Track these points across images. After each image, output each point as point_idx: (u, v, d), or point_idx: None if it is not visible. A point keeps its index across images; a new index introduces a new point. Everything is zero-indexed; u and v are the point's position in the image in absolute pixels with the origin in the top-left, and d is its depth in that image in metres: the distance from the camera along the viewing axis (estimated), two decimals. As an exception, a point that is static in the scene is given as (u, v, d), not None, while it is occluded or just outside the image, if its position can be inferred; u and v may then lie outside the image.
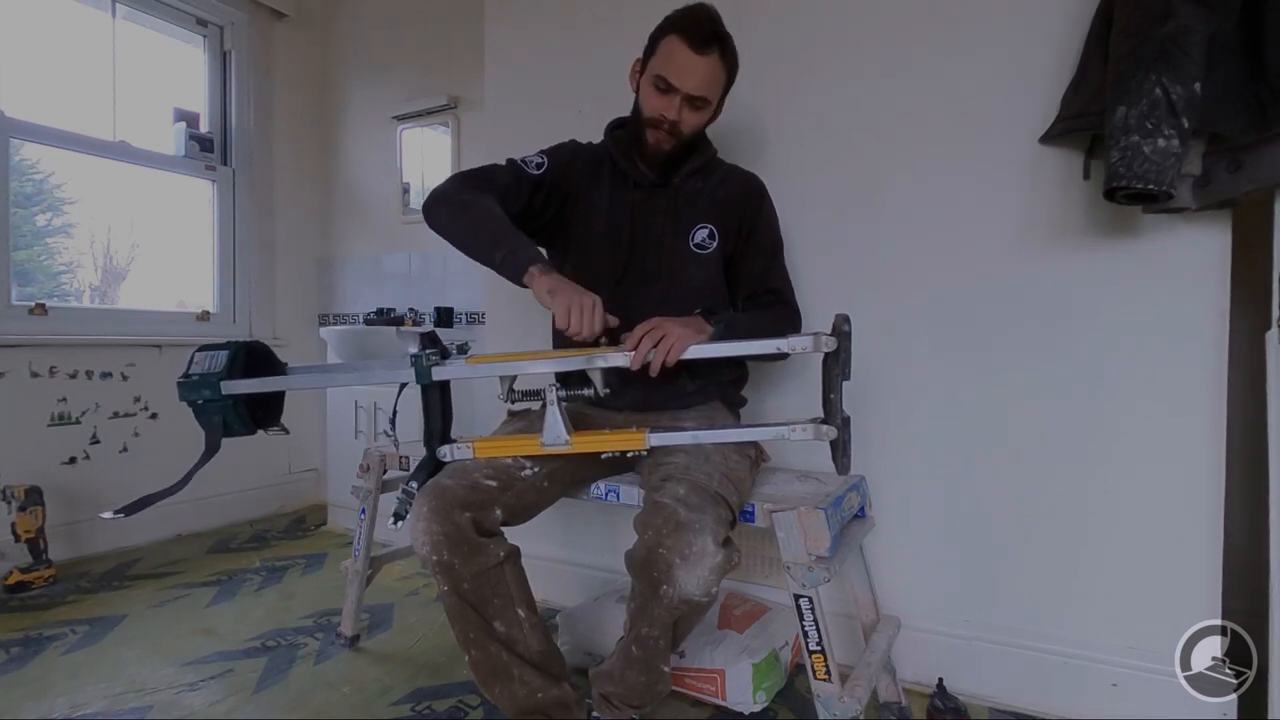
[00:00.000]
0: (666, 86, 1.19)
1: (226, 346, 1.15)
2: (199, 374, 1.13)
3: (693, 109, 1.21)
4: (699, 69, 1.17)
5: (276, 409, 1.23)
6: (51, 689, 1.41)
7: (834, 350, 0.99)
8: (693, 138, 1.26)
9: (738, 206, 1.31)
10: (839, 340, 0.98)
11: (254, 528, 2.61)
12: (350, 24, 2.96)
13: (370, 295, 2.90)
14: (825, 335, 0.99)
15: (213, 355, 1.14)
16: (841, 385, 1.01)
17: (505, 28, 1.94)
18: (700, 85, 1.19)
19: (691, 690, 1.34)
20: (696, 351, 1.04)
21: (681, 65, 1.17)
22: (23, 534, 1.95)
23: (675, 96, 1.19)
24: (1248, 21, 1.07)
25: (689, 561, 0.94)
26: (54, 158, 2.38)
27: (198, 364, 1.14)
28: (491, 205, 1.17)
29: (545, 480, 1.17)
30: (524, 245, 1.12)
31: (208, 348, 1.16)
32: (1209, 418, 1.22)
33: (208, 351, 1.15)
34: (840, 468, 1.03)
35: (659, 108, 1.20)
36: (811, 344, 0.99)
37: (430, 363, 1.10)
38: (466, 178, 1.24)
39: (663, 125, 1.21)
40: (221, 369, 1.12)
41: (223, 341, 1.17)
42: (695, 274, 1.28)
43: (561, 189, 1.30)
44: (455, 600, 1.07)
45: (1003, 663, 1.37)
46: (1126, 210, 1.22)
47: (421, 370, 1.10)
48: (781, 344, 1.01)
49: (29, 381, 2.13)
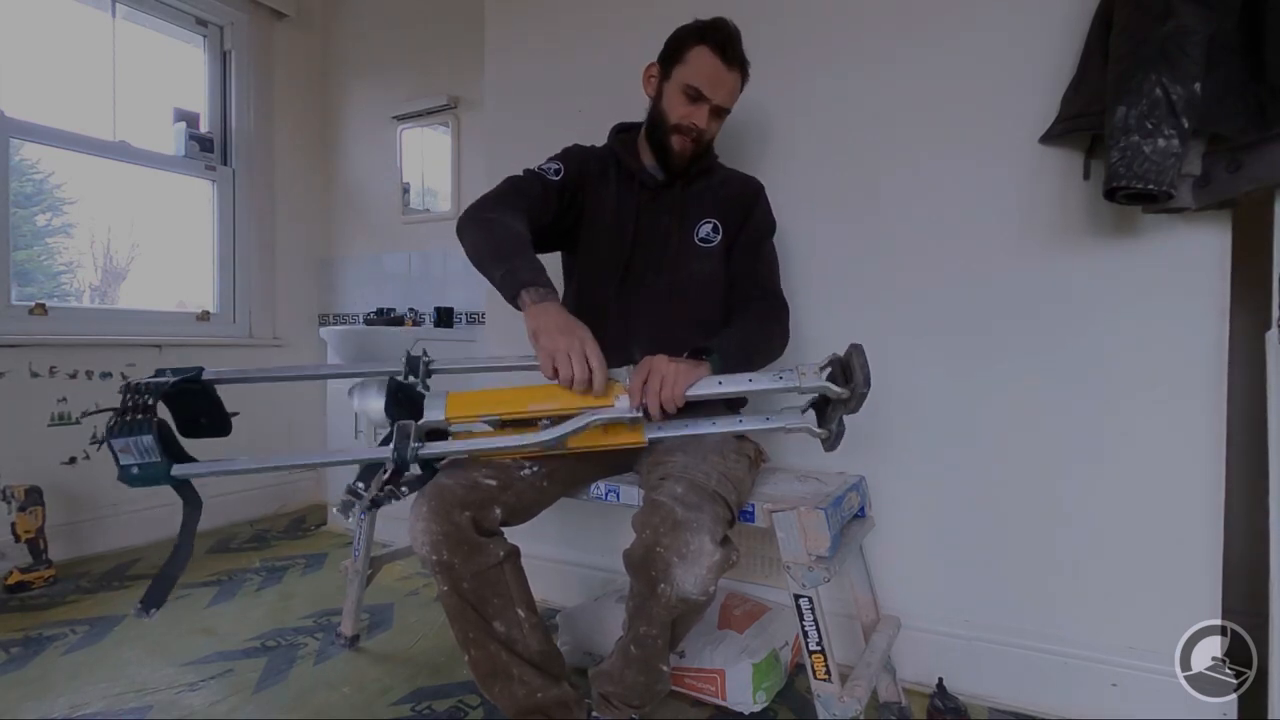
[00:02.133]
0: (697, 95, 1.22)
1: (141, 426, 0.96)
2: (138, 465, 0.98)
3: (716, 118, 1.27)
4: (729, 82, 1.24)
5: (222, 418, 1.12)
6: (51, 689, 1.42)
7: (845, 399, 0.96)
8: (710, 143, 1.31)
9: (737, 203, 1.33)
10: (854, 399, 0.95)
11: (254, 528, 2.61)
12: (350, 24, 2.96)
13: (370, 295, 2.90)
14: (837, 388, 0.96)
15: (135, 441, 0.97)
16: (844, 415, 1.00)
17: (505, 28, 1.94)
18: (729, 97, 1.25)
19: (691, 690, 1.34)
20: (696, 392, 1.01)
21: (714, 77, 1.22)
22: (23, 534, 1.95)
23: (704, 106, 1.23)
24: (1248, 21, 1.07)
25: (687, 560, 0.94)
26: (54, 158, 2.38)
27: (125, 451, 0.97)
28: (510, 222, 1.14)
29: (545, 480, 1.17)
30: (525, 266, 1.07)
31: (113, 432, 0.96)
32: (1209, 418, 1.22)
33: (122, 438, 0.96)
34: (828, 448, 1.05)
35: (688, 115, 1.23)
36: (824, 390, 0.98)
37: (415, 453, 0.99)
38: (495, 196, 1.22)
39: (691, 132, 1.24)
40: (159, 457, 0.97)
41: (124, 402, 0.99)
42: (699, 268, 1.30)
43: (578, 192, 1.32)
44: (455, 600, 1.07)
45: (1003, 663, 1.37)
46: (1126, 210, 1.22)
47: (404, 461, 0.99)
48: (793, 380, 0.98)
49: (29, 381, 2.13)
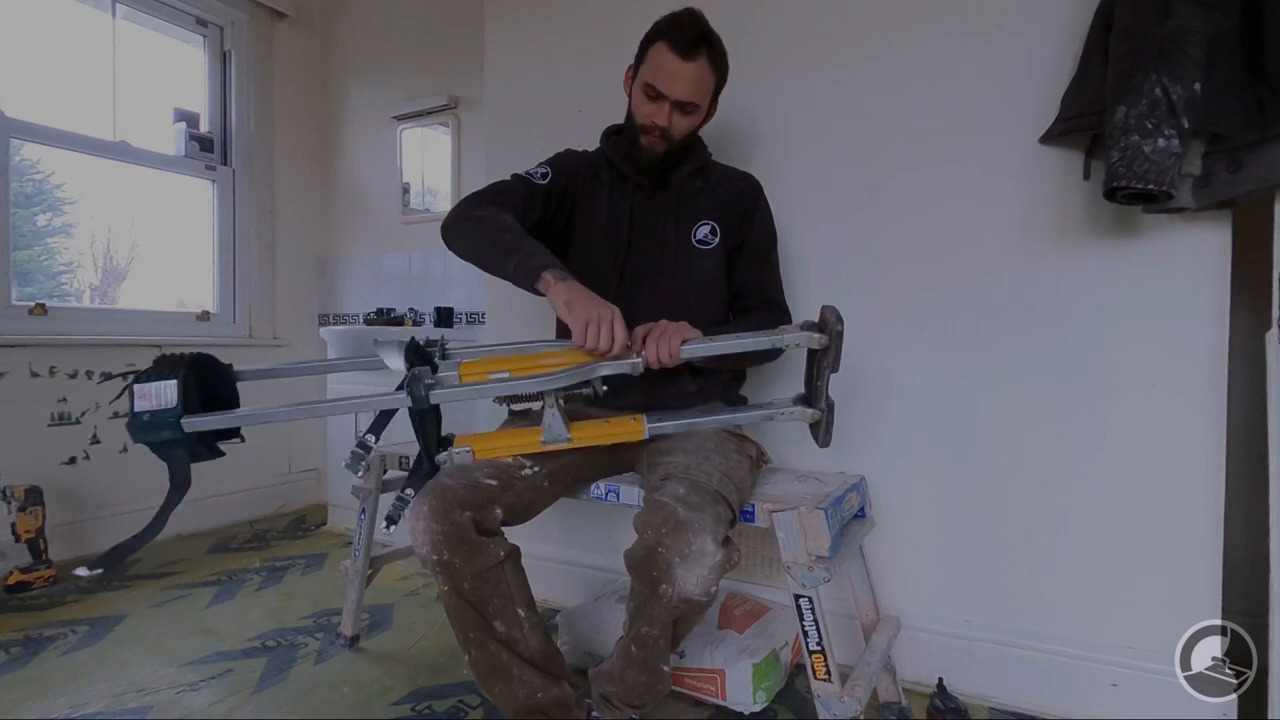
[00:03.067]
0: (655, 94, 1.20)
1: (169, 372, 1.00)
2: (150, 412, 0.99)
3: (682, 114, 1.22)
4: (686, 75, 1.19)
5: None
6: (51, 689, 1.41)
7: (825, 347, 1.01)
8: (685, 141, 1.28)
9: (735, 203, 1.33)
10: (831, 339, 0.99)
11: (254, 528, 2.61)
12: (350, 24, 2.96)
13: (370, 295, 2.90)
14: (817, 334, 1.01)
15: (159, 386, 0.99)
16: (829, 375, 1.04)
17: (505, 28, 1.94)
18: (688, 91, 1.20)
19: (691, 690, 1.34)
20: (692, 350, 1.04)
21: (669, 73, 1.18)
22: (23, 534, 1.95)
23: (664, 103, 1.21)
24: (1248, 22, 1.07)
25: (688, 560, 0.94)
26: (54, 158, 2.38)
27: (143, 398, 0.99)
28: (504, 217, 1.16)
29: (545, 480, 1.17)
30: (537, 252, 1.10)
31: (146, 375, 1.01)
32: (1209, 418, 1.22)
33: (150, 382, 1.00)
34: (821, 442, 1.06)
35: (649, 114, 1.22)
36: (804, 340, 1.01)
37: (429, 389, 1.01)
38: (480, 195, 1.23)
39: (654, 131, 1.23)
40: (176, 404, 0.99)
41: (159, 359, 1.02)
42: (698, 269, 1.29)
43: (567, 196, 1.32)
44: (455, 600, 1.07)
45: (1003, 663, 1.37)
46: (1126, 210, 1.22)
47: (419, 398, 1.00)
48: (775, 340, 1.03)
49: (29, 381, 2.13)
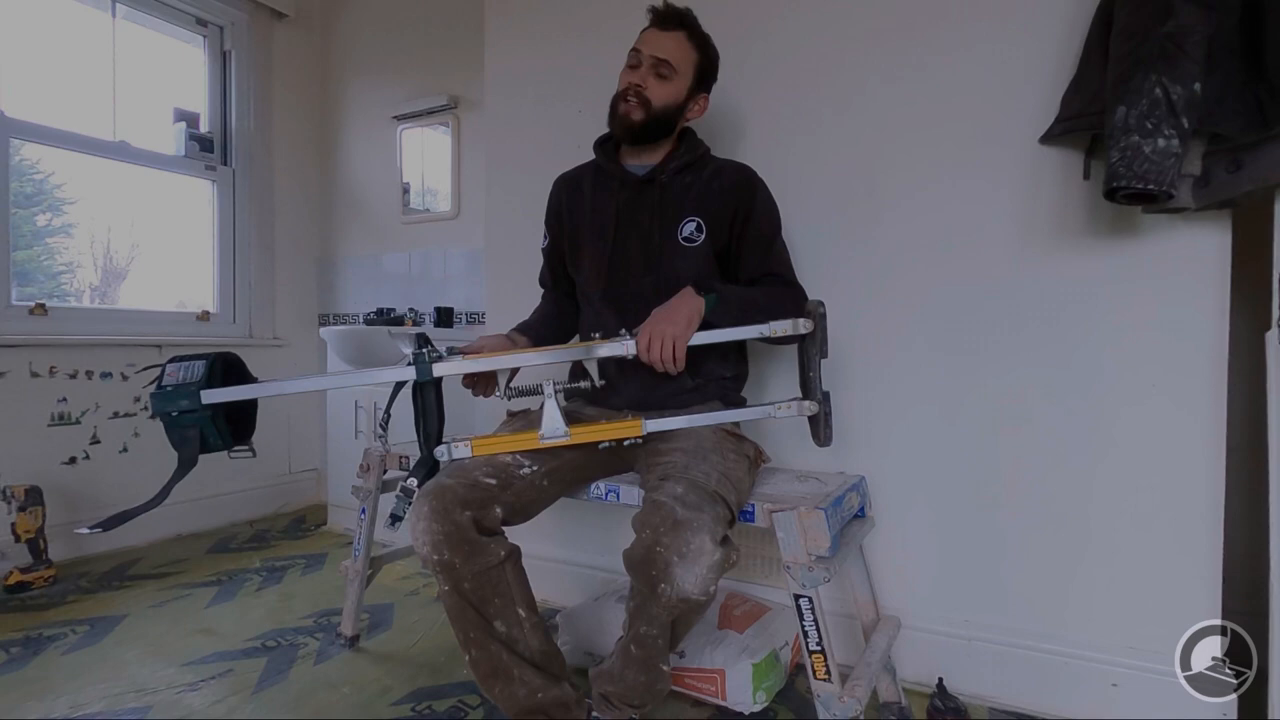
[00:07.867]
0: (636, 60, 1.28)
1: (202, 357, 1.11)
2: (174, 385, 1.08)
3: (658, 77, 1.27)
4: (664, 39, 1.27)
5: (250, 424, 1.19)
6: (51, 689, 1.41)
7: (811, 332, 1.10)
8: (666, 116, 1.28)
9: (730, 196, 1.30)
10: (815, 323, 1.09)
11: (254, 528, 2.61)
12: (350, 24, 2.96)
13: (370, 295, 2.90)
14: (802, 319, 1.10)
15: (188, 366, 1.10)
16: (819, 363, 1.11)
17: (505, 28, 1.94)
18: (663, 50, 1.26)
19: (691, 690, 1.34)
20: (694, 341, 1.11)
21: (647, 38, 1.28)
22: (23, 534, 1.95)
23: (641, 67, 1.27)
24: (1248, 22, 1.07)
25: (687, 560, 0.94)
26: (54, 158, 2.38)
27: (171, 375, 1.10)
28: (535, 313, 1.46)
29: (544, 479, 1.17)
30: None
31: (180, 359, 1.12)
32: (1209, 418, 1.22)
33: (181, 363, 1.11)
34: (821, 440, 1.12)
35: (627, 79, 1.29)
36: (790, 327, 1.10)
37: (433, 358, 1.11)
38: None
39: (630, 93, 1.27)
40: (200, 378, 1.09)
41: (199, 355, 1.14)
42: (683, 267, 1.28)
43: (560, 238, 1.42)
44: (456, 600, 1.07)
45: (1003, 663, 1.37)
46: (1126, 210, 1.22)
47: (423, 368, 1.10)
48: (763, 329, 1.11)
49: (29, 381, 2.13)
